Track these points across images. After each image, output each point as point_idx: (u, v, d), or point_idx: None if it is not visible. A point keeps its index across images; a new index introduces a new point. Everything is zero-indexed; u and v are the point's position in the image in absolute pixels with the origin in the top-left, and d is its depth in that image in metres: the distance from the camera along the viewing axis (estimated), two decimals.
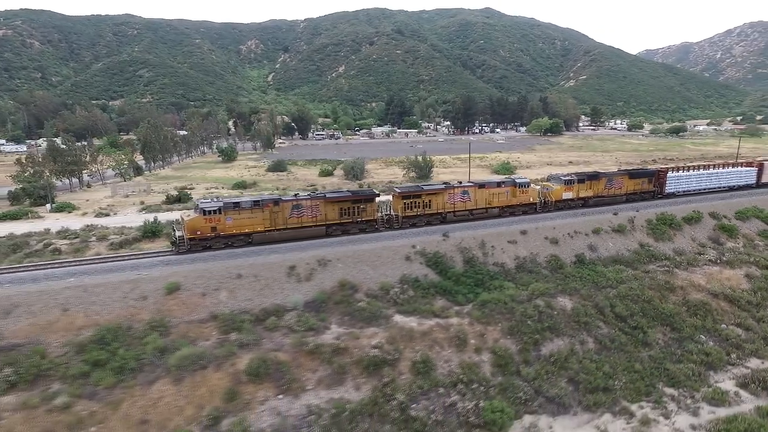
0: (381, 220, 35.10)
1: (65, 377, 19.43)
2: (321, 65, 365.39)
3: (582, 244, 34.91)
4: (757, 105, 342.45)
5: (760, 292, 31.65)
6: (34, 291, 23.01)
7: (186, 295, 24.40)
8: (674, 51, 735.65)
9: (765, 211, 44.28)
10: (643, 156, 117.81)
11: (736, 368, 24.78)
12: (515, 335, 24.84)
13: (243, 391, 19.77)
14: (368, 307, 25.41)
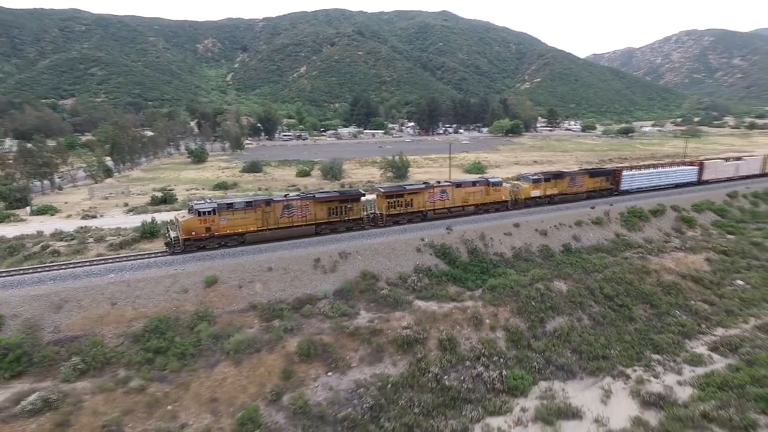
0: (367, 219, 36.55)
1: (130, 364, 20.85)
2: (282, 65, 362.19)
3: (567, 235, 38.74)
4: (694, 108, 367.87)
5: (719, 272, 36.40)
6: (80, 287, 24.04)
7: (224, 287, 26.04)
8: (619, 56, 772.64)
9: (716, 204, 49.95)
10: (599, 155, 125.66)
11: (706, 336, 28.95)
12: (523, 314, 28.00)
13: (297, 370, 21.81)
14: (391, 294, 27.88)
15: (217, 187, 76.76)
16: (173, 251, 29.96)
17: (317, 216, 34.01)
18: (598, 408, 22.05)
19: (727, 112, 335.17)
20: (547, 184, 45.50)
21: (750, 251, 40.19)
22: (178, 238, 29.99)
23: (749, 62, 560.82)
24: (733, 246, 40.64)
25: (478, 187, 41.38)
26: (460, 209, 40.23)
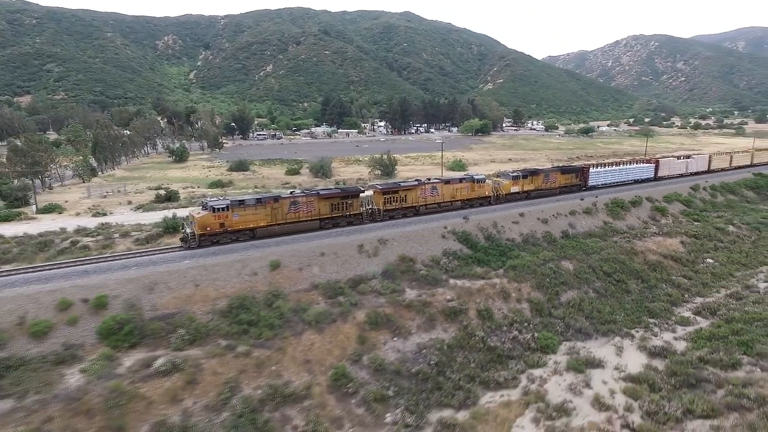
0: (366, 214, 38.82)
1: (228, 335, 23.88)
2: (247, 64, 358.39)
3: (564, 223, 43.89)
4: (644, 109, 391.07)
5: (693, 253, 42.48)
6: (164, 271, 26.72)
7: (287, 270, 29.26)
8: (573, 58, 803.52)
9: (682, 195, 56.67)
10: (566, 153, 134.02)
11: (689, 304, 34.53)
12: (541, 289, 32.64)
13: (369, 336, 25.46)
14: (429, 274, 31.87)
15: (213, 185, 78.29)
16: (189, 246, 31.42)
17: (321, 211, 36.05)
18: (615, 359, 26.86)
19: (673, 113, 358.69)
20: (525, 180, 49.12)
21: (715, 235, 46.73)
22: (194, 234, 31.44)
23: (691, 66, 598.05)
24: (701, 231, 47.05)
25: (464, 184, 44.46)
26: (449, 204, 43.20)
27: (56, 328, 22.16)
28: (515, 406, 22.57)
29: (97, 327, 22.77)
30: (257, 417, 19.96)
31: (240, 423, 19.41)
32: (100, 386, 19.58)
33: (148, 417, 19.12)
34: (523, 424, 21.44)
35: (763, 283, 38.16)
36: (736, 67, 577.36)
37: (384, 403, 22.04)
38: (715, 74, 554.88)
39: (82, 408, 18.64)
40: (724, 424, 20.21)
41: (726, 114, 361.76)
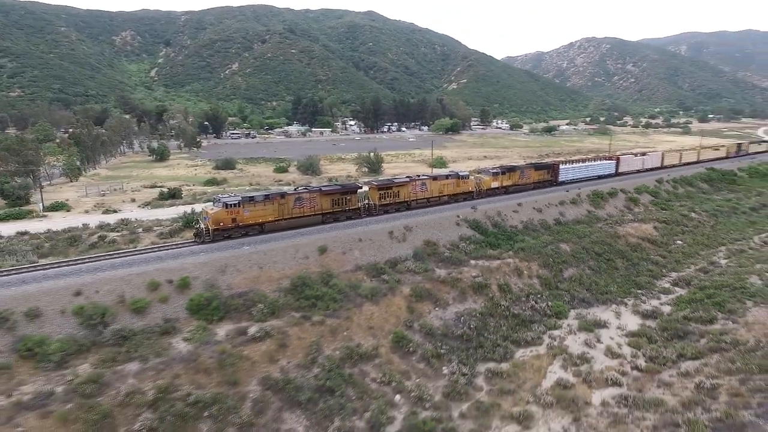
0: (363, 209, 41.21)
1: (299, 308, 27.47)
2: (211, 62, 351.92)
3: (555, 212, 49.41)
4: (599, 108, 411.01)
5: (665, 236, 48.93)
6: (230, 256, 29.92)
7: (333, 254, 32.97)
8: (530, 59, 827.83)
9: (650, 187, 63.66)
10: (534, 151, 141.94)
11: (667, 277, 40.57)
12: (547, 267, 37.75)
13: (415, 307, 29.63)
14: (452, 256, 36.34)
15: (209, 183, 80.00)
16: (203, 241, 32.75)
17: (323, 207, 37.80)
18: (616, 321, 32.21)
19: (626, 113, 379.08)
20: (503, 176, 52.67)
21: (681, 221, 53.58)
22: (208, 229, 32.85)
23: (640, 68, 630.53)
24: (669, 217, 53.77)
25: (450, 180, 47.35)
26: (437, 199, 45.87)
27: (152, 305, 25.14)
28: (545, 357, 27.37)
29: (185, 304, 25.87)
30: (342, 372, 23.79)
31: (331, 376, 23.18)
32: (209, 350, 22.92)
33: (255, 374, 22.62)
34: (555, 370, 26.24)
35: (724, 259, 44.83)
36: (680, 70, 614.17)
37: (439, 359, 26.32)
38: (661, 76, 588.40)
39: (200, 367, 21.96)
40: (709, 361, 25.64)
41: (672, 114, 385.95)
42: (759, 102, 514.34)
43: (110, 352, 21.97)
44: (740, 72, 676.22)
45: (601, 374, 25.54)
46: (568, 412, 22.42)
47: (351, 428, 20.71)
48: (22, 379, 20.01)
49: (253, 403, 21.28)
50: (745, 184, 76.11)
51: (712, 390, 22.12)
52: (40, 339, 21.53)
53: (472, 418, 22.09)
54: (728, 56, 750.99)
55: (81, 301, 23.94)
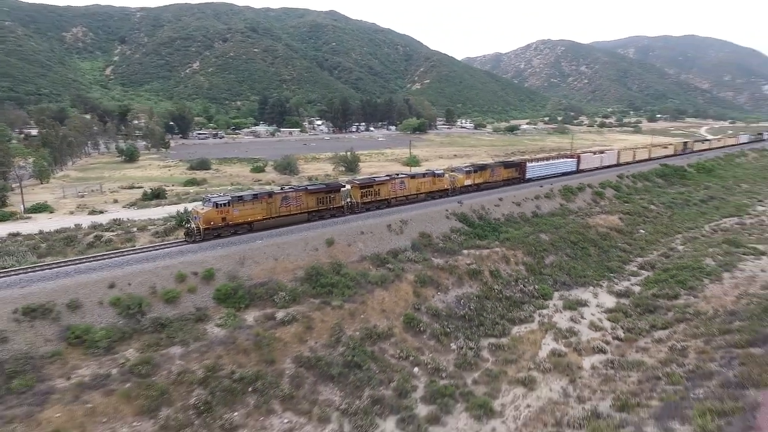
0: (346, 206, 42.75)
1: (317, 295, 29.71)
2: (171, 60, 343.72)
3: (532, 205, 53.42)
4: (556, 108, 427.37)
5: (629, 225, 53.84)
6: (247, 249, 31.76)
7: (339, 246, 35.31)
8: (489, 59, 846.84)
9: (613, 182, 69.08)
10: (500, 149, 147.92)
11: (634, 262, 45.14)
12: (531, 255, 41.41)
13: (420, 291, 32.43)
14: (446, 246, 39.40)
15: (189, 184, 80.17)
16: (194, 240, 33.07)
17: (309, 205, 38.87)
18: (594, 300, 36.13)
19: (581, 113, 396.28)
20: (475, 174, 55.26)
21: (642, 212, 58.87)
22: (199, 228, 33.26)
23: (592, 70, 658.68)
24: (631, 209, 58.95)
25: (427, 178, 49.24)
26: (415, 196, 47.64)
27: (182, 295, 26.82)
28: (538, 332, 30.80)
29: (212, 293, 27.66)
30: (365, 349, 26.31)
31: (356, 353, 25.65)
32: (244, 333, 24.94)
33: (288, 353, 24.83)
34: (548, 342, 29.69)
35: (681, 245, 49.99)
36: (629, 72, 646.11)
37: (447, 336, 29.23)
38: (612, 77, 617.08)
39: (239, 348, 23.97)
40: (677, 329, 29.73)
41: (624, 113, 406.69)
42: (701, 103, 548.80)
43: (152, 338, 23.62)
44: (683, 74, 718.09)
45: (588, 344, 29.18)
46: (564, 375, 25.82)
47: (381, 396, 23.25)
48: (76, 364, 21.46)
49: (290, 379, 23.50)
50: (694, 178, 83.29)
51: (682, 351, 26.02)
52: (86, 327, 22.95)
53: (483, 383, 25.11)
54: (672, 59, 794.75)
55: (116, 292, 25.37)
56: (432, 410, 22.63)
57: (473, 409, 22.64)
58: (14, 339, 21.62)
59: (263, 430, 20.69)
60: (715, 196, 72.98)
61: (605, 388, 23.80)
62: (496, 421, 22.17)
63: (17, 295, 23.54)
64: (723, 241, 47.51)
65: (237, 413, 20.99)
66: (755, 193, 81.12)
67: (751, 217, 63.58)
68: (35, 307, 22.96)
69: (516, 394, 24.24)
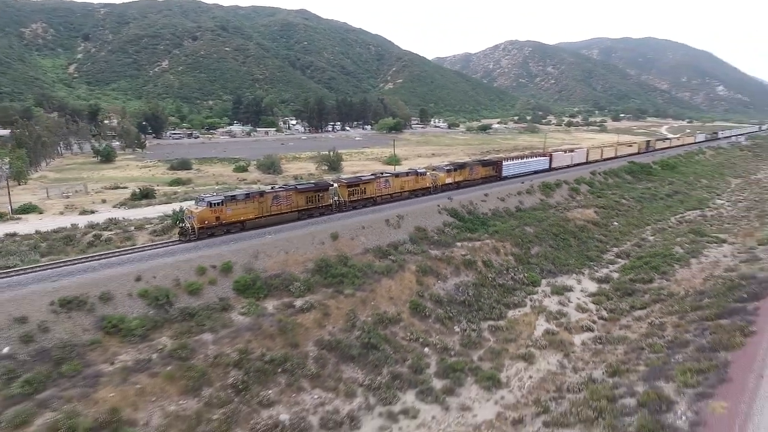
0: (334, 205, 44.06)
1: (329, 285, 31.68)
2: (138, 58, 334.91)
3: (515, 201, 56.64)
4: (525, 108, 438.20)
5: (604, 218, 57.77)
6: (259, 243, 33.43)
7: (344, 239, 37.33)
8: (459, 59, 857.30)
9: (587, 179, 73.29)
10: (476, 148, 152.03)
11: (610, 251, 48.84)
12: (518, 246, 44.44)
13: (423, 280, 34.83)
14: (440, 239, 41.96)
15: (174, 184, 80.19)
16: (189, 239, 33.54)
17: (298, 204, 39.71)
18: (578, 286, 39.40)
19: (549, 112, 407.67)
20: (456, 173, 57.53)
21: (615, 206, 63.05)
22: (193, 228, 33.70)
23: (559, 70, 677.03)
24: (605, 203, 63.06)
25: (410, 177, 50.65)
26: (399, 194, 48.92)
27: (204, 287, 28.38)
28: (531, 315, 33.70)
29: (232, 285, 29.32)
30: (378, 332, 28.51)
31: (371, 336, 27.82)
32: (268, 320, 26.76)
33: (309, 337, 26.79)
34: (541, 323, 32.60)
35: (651, 236, 54.20)
36: (593, 73, 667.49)
37: (450, 320, 31.75)
38: (578, 78, 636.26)
39: (265, 334, 25.80)
40: (654, 309, 33.14)
41: (589, 113, 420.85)
42: (660, 103, 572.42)
43: (182, 327, 25.17)
44: (644, 75, 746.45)
45: (577, 323, 32.25)
46: (559, 350, 28.72)
47: (399, 373, 25.53)
48: (116, 351, 22.90)
49: (315, 360, 25.50)
50: (659, 175, 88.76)
51: (660, 326, 29.31)
52: (120, 317, 24.34)
53: (488, 359, 27.71)
54: (633, 61, 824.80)
55: (143, 285, 26.75)
56: (446, 384, 25.06)
57: (482, 381, 25.20)
58: (55, 329, 22.87)
59: (297, 405, 22.65)
60: (678, 190, 78.34)
61: (596, 360, 26.79)
62: (504, 390, 24.79)
63: (51, 289, 24.70)
64: (689, 231, 51.92)
65: (271, 391, 22.87)
66: (714, 188, 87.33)
67: (711, 209, 68.96)
68: (70, 299, 24.21)
69: (518, 368, 26.95)
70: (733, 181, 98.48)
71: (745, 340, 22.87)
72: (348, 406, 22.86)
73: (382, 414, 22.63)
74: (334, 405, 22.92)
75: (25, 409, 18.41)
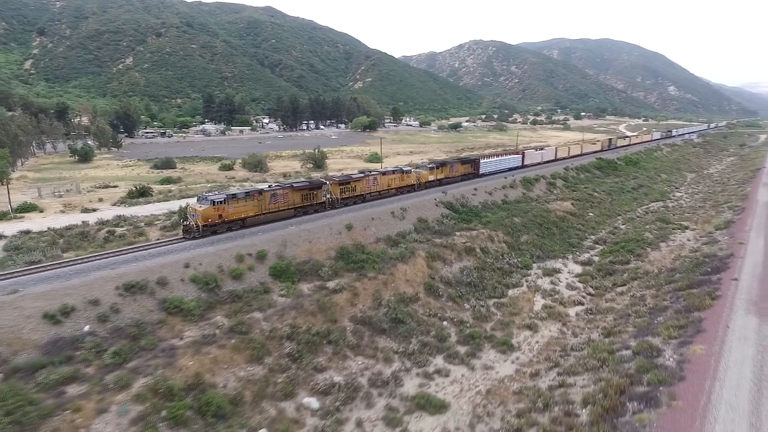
0: (327, 202, 46.29)
1: (352, 270, 35.11)
2: (100, 55, 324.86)
3: (501, 194, 61.38)
4: (491, 107, 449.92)
5: (580, 210, 63.32)
6: (285, 233, 36.47)
7: (357, 230, 40.77)
8: (425, 58, 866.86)
9: (561, 174, 79.08)
10: (450, 146, 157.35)
11: (589, 239, 54.16)
12: (509, 234, 49.01)
13: (432, 265, 38.72)
14: (441, 229, 45.97)
15: (164, 182, 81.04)
16: (193, 236, 34.57)
17: (294, 201, 41.29)
18: (565, 268, 44.24)
19: (514, 110, 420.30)
20: (437, 170, 60.99)
21: (588, 198, 68.88)
22: (197, 225, 34.90)
23: (522, 70, 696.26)
24: (580, 196, 68.79)
25: (396, 175, 52.79)
26: (386, 191, 51.18)
27: (245, 272, 31.32)
28: (528, 293, 38.15)
29: (268, 270, 32.35)
30: (402, 309, 32.19)
31: (397, 312, 31.47)
32: (307, 300, 30.02)
33: (345, 314, 30.22)
34: (538, 300, 37.09)
35: (622, 225, 60.04)
36: (555, 72, 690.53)
37: (461, 298, 35.79)
38: (540, 77, 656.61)
39: (307, 311, 29.05)
40: (633, 285, 38.20)
41: (552, 111, 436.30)
42: (618, 102, 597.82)
43: (233, 307, 28.12)
44: (601, 75, 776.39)
45: (569, 299, 36.91)
46: (557, 320, 33.21)
47: (426, 341, 29.31)
48: (181, 328, 25.69)
49: (352, 333, 28.96)
50: (624, 170, 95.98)
51: (641, 297, 34.27)
52: (179, 299, 27.09)
53: (498, 329, 31.86)
54: (591, 61, 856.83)
55: (192, 272, 29.49)
56: (467, 349, 29.03)
57: (498, 346, 29.32)
58: (124, 310, 25.47)
59: (345, 369, 26.10)
60: (642, 184, 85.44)
61: (591, 326, 31.40)
62: (517, 353, 28.97)
63: (113, 275, 27.19)
64: (656, 219, 58.04)
65: (322, 359, 26.22)
66: (672, 182, 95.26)
67: (671, 201, 76.01)
68: (133, 284, 26.79)
69: (525, 335, 31.24)
70: (689, 176, 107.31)
71: (713, 302, 27.88)
72: (389, 369, 26.46)
73: (419, 374, 26.35)
74: (377, 368, 26.48)
75: (123, 375, 21.17)
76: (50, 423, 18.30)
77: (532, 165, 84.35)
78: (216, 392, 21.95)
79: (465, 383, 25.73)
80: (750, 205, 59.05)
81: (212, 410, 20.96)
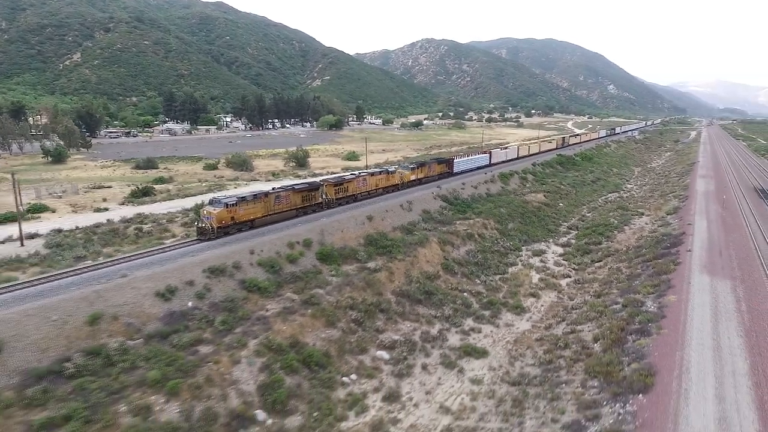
0: (324, 202, 49.23)
1: (381, 254, 40.97)
2: (43, 50, 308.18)
3: (485, 188, 68.86)
4: (446, 104, 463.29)
5: (552, 201, 71.89)
6: (320, 224, 41.77)
7: (376, 220, 46.60)
8: (378, 56, 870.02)
9: (530, 168, 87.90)
10: (418, 144, 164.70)
11: (563, 225, 62.54)
12: (499, 222, 56.37)
13: (444, 249, 45.22)
14: (443, 218, 52.61)
15: (158, 182, 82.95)
16: (209, 238, 36.02)
17: (296, 202, 43.49)
18: (549, 250, 52.05)
19: (469, 108, 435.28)
20: (418, 170, 65.53)
21: (557, 191, 77.81)
22: (212, 227, 36.32)
23: (473, 68, 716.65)
24: (550, 189, 77.56)
25: (382, 175, 55.60)
26: (375, 191, 53.82)
27: (298, 257, 36.55)
28: (525, 270, 45.49)
29: (315, 255, 37.70)
30: (430, 284, 38.47)
31: (426, 287, 37.69)
32: (355, 278, 35.70)
33: (386, 289, 36.14)
34: (533, 275, 44.45)
35: (588, 213, 69.09)
36: (504, 71, 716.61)
37: (472, 275, 42.53)
38: (491, 76, 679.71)
39: (357, 287, 34.75)
40: (608, 260, 46.33)
41: (504, 109, 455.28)
42: (563, 100, 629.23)
43: (297, 286, 33.37)
44: (547, 74, 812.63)
45: (559, 273, 44.54)
46: (553, 289, 40.62)
47: (456, 308, 35.77)
48: (262, 303, 30.76)
49: (396, 303, 34.95)
50: (581, 165, 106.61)
51: (617, 269, 42.29)
52: (255, 279, 32.09)
53: (508, 297, 38.83)
54: (537, 60, 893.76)
55: (256, 257, 34.46)
56: (490, 312, 35.76)
57: (513, 310, 36.25)
58: (214, 289, 30.25)
59: (399, 330, 32.10)
60: (599, 177, 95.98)
61: (582, 291, 38.98)
62: (528, 314, 36.01)
63: (197, 261, 31.81)
64: (617, 207, 67.40)
65: (379, 323, 32.08)
66: (623, 175, 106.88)
67: (625, 192, 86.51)
68: (215, 268, 31.53)
69: (531, 301, 38.39)
70: (636, 170, 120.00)
71: (676, 267, 36.03)
72: (434, 329, 32.72)
73: (457, 332, 32.76)
74: (424, 329, 32.66)
75: (237, 337, 26.24)
76: (202, 371, 23.27)
77: (498, 163, 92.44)
78: (313, 348, 27.42)
79: (495, 336, 32.39)
80: (692, 194, 69.68)
81: (314, 361, 26.47)
